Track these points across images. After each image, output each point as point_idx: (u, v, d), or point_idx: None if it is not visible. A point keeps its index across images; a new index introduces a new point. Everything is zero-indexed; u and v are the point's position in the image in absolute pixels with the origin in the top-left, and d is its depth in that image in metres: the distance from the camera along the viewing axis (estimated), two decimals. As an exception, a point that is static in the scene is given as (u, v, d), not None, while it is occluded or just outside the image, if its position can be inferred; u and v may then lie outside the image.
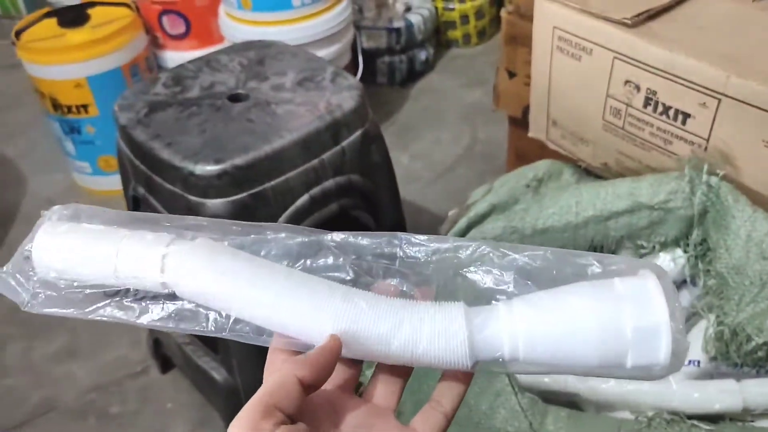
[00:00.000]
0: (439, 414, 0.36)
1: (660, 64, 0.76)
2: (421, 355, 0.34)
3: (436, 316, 0.34)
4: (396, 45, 2.00)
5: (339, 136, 0.90)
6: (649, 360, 0.32)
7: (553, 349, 0.33)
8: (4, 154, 1.90)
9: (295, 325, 0.34)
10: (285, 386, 0.31)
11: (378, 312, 0.34)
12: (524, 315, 0.33)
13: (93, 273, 0.36)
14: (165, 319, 0.36)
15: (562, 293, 0.34)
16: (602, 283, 0.34)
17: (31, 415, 1.21)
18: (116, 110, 0.93)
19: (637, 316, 0.32)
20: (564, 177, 0.94)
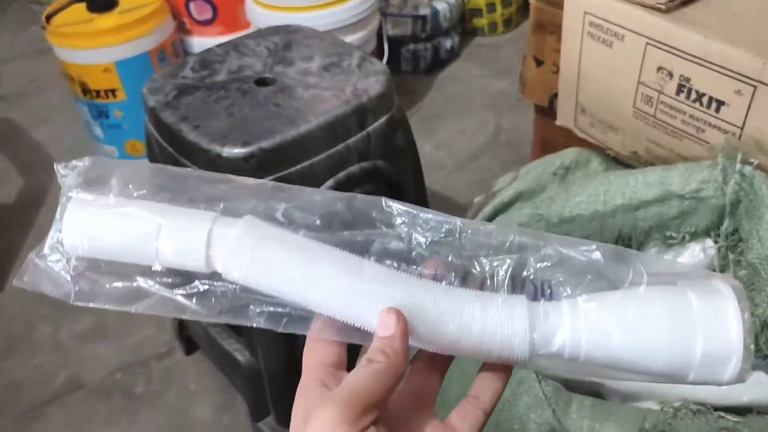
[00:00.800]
0: (478, 411, 0.35)
1: (694, 50, 0.74)
2: (480, 343, 0.33)
3: (498, 305, 0.33)
4: (421, 33, 1.99)
5: (365, 121, 0.90)
6: (712, 380, 0.32)
7: (616, 359, 0.32)
8: (34, 139, 1.94)
9: (352, 313, 0.33)
10: (384, 383, 0.30)
11: (439, 304, 0.33)
12: (589, 319, 0.32)
13: (134, 257, 0.34)
14: (214, 316, 0.34)
15: (632, 299, 0.33)
16: (676, 295, 0.33)
17: (59, 393, 1.23)
18: (145, 93, 0.94)
19: (710, 344, 0.31)
20: (591, 165, 0.92)
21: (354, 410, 0.29)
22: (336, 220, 0.35)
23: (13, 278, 0.35)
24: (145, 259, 0.34)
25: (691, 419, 0.65)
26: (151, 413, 1.18)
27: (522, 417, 0.68)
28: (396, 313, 0.32)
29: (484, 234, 0.35)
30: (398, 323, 0.31)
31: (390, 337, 0.31)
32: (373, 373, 0.30)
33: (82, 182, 0.35)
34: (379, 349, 0.31)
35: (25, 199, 1.71)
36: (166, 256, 0.33)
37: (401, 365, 0.31)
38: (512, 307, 0.33)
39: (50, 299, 0.35)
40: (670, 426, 0.64)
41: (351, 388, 0.30)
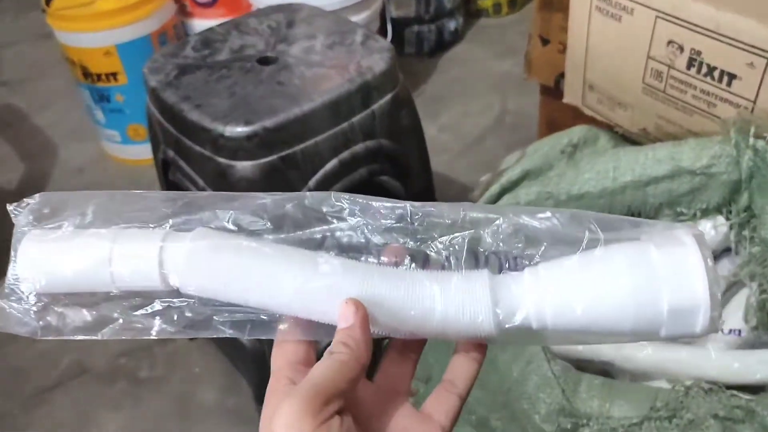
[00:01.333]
0: (453, 396, 0.34)
1: (705, 22, 0.73)
2: (444, 325, 0.32)
3: (459, 284, 0.32)
4: (425, 14, 1.97)
5: (369, 99, 0.88)
6: (683, 333, 0.31)
7: (584, 323, 0.31)
8: (35, 124, 1.92)
9: (313, 310, 0.33)
10: (346, 372, 0.30)
11: (399, 291, 0.32)
12: (552, 281, 0.32)
13: (91, 286, 0.34)
14: (180, 332, 0.34)
15: (593, 260, 0.32)
16: (637, 251, 0.32)
17: (63, 377, 1.23)
18: (146, 72, 0.93)
19: (676, 297, 0.30)
20: (600, 143, 0.91)
21: (316, 401, 0.28)
22: (287, 222, 0.35)
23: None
24: (102, 285, 0.34)
25: (703, 398, 0.64)
26: (156, 397, 1.18)
27: (531, 396, 0.67)
28: (354, 304, 0.32)
29: (436, 215, 0.35)
30: (357, 313, 0.31)
31: (350, 328, 0.31)
32: (334, 363, 0.30)
33: (33, 219, 0.36)
34: (340, 341, 0.31)
35: (26, 184, 1.70)
36: (122, 280, 0.33)
37: (363, 355, 0.31)
38: (472, 284, 0.32)
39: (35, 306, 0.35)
40: (681, 404, 0.63)
41: (313, 380, 0.30)
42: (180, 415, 1.15)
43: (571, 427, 0.64)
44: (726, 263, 0.76)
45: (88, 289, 0.34)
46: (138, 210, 0.35)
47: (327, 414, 0.29)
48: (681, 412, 0.63)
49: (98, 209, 0.35)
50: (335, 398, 0.29)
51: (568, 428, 0.65)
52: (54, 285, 0.34)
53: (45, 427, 1.16)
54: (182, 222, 0.35)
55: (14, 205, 0.36)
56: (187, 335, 0.34)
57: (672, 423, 0.62)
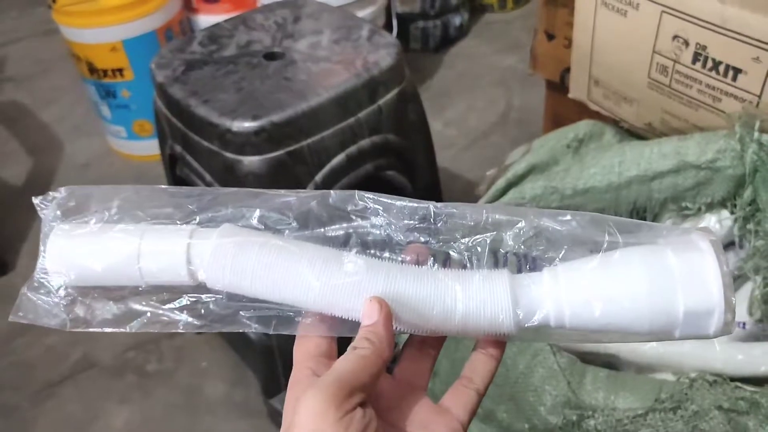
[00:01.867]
0: (471, 391, 0.35)
1: (711, 17, 0.73)
2: (464, 323, 0.33)
3: (480, 283, 0.33)
4: (430, 9, 1.97)
5: (376, 94, 0.89)
6: (697, 335, 0.32)
7: (602, 323, 0.32)
8: (41, 119, 1.93)
9: (336, 306, 0.33)
10: (369, 367, 0.31)
11: (421, 289, 0.33)
12: (571, 288, 0.33)
13: (120, 281, 0.35)
14: (207, 326, 0.35)
15: (612, 262, 0.33)
16: (654, 254, 0.33)
17: (72, 371, 1.24)
18: (153, 68, 0.93)
19: (691, 300, 0.31)
20: (605, 138, 0.91)
21: (340, 393, 0.29)
22: (312, 219, 0.36)
23: (24, 258, 0.36)
24: (131, 280, 0.35)
25: (707, 389, 0.65)
26: (164, 390, 1.19)
27: (537, 388, 0.67)
28: (378, 302, 0.33)
29: (458, 216, 0.36)
30: (381, 311, 0.32)
31: (374, 324, 0.32)
32: (358, 358, 0.31)
33: (60, 213, 0.36)
34: (364, 337, 0.32)
35: (33, 180, 1.71)
36: (150, 275, 0.34)
37: (386, 350, 0.32)
38: (493, 283, 0.33)
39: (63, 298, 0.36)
40: (686, 396, 0.63)
41: (337, 372, 0.30)
42: (188, 408, 1.16)
43: (577, 419, 0.65)
44: (731, 257, 0.76)
45: (116, 283, 0.35)
46: (163, 206, 0.36)
47: (350, 406, 0.29)
48: (685, 403, 0.63)
49: (123, 204, 0.36)
50: (358, 391, 0.30)
51: (574, 420, 0.65)
52: (83, 279, 0.35)
53: (53, 420, 1.17)
54: (208, 219, 0.36)
55: (40, 199, 0.36)
56: (214, 329, 0.35)
57: (677, 414, 0.63)
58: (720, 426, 0.62)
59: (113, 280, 0.35)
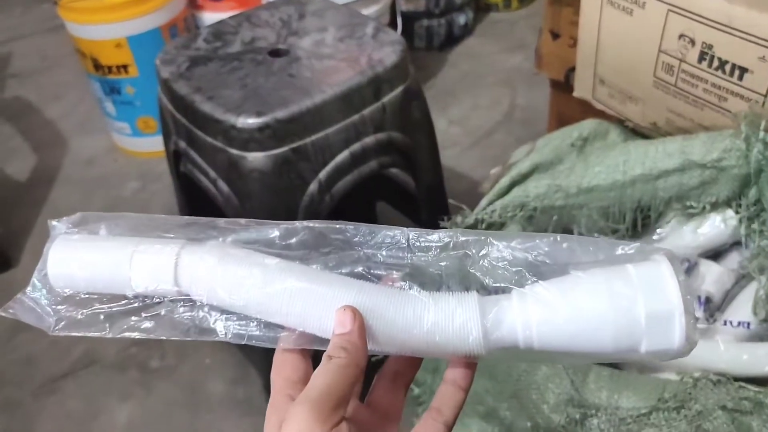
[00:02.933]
0: (439, 425, 0.35)
1: (718, 16, 0.73)
2: (434, 345, 0.33)
3: (450, 297, 0.34)
4: (435, 8, 1.97)
5: (380, 92, 0.89)
6: (664, 346, 0.33)
7: (568, 337, 0.33)
8: (46, 115, 1.94)
9: (310, 319, 0.34)
10: (347, 377, 0.31)
11: (392, 301, 0.34)
12: (537, 303, 0.33)
13: (110, 285, 0.37)
14: (184, 332, 0.36)
15: (576, 280, 0.34)
16: (615, 268, 0.34)
17: (75, 367, 1.24)
18: (158, 64, 0.93)
19: (651, 304, 0.32)
20: (610, 137, 0.91)
21: (325, 407, 0.29)
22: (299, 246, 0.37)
23: (27, 254, 0.37)
24: (120, 287, 0.36)
25: (711, 389, 0.64)
26: (166, 387, 1.19)
27: (540, 386, 0.67)
28: (351, 310, 0.33)
29: (433, 239, 0.37)
30: (354, 320, 0.32)
31: (348, 333, 0.32)
32: (336, 368, 0.31)
33: (70, 228, 0.39)
34: (339, 346, 0.32)
35: (37, 175, 1.71)
36: (138, 281, 0.36)
37: (362, 360, 0.32)
38: (462, 298, 0.34)
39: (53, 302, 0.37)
40: (689, 395, 0.63)
41: (318, 387, 0.30)
42: (190, 405, 1.16)
43: (580, 417, 0.65)
44: (735, 256, 0.76)
45: (107, 290, 0.37)
46: (168, 230, 0.38)
47: (336, 419, 0.30)
48: (689, 403, 0.63)
49: (130, 224, 0.38)
50: (342, 403, 0.30)
51: (577, 418, 0.65)
52: (78, 283, 0.37)
53: (55, 415, 1.17)
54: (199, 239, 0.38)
55: (55, 221, 0.39)
56: (188, 337, 0.36)
57: (680, 414, 0.63)
58: (724, 426, 0.61)
59: (104, 286, 0.37)
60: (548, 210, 0.83)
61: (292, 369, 0.34)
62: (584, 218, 0.82)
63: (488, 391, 0.72)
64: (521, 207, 0.84)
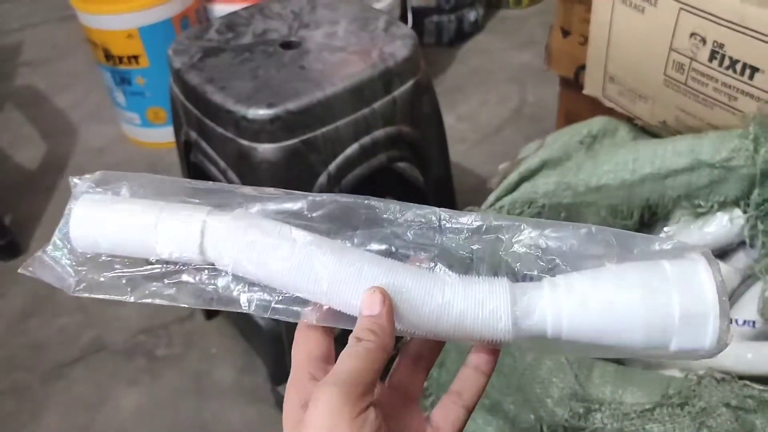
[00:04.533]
0: (459, 408, 0.35)
1: (729, 15, 0.73)
2: (461, 320, 0.33)
3: (481, 282, 0.33)
4: (445, 4, 1.97)
5: (391, 86, 0.89)
6: (694, 346, 0.32)
7: (598, 330, 0.32)
8: (57, 104, 1.95)
9: (336, 296, 0.33)
10: (375, 361, 0.31)
11: (422, 283, 0.33)
12: (569, 293, 0.33)
13: (133, 249, 0.35)
14: (207, 301, 0.35)
15: (609, 273, 0.33)
16: (650, 264, 0.33)
17: (83, 353, 1.26)
18: (170, 54, 0.94)
19: (686, 303, 0.31)
20: (619, 135, 0.91)
21: (354, 392, 0.29)
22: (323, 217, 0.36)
23: (37, 241, 0.36)
24: (144, 251, 0.35)
25: (715, 387, 0.65)
26: (173, 374, 1.20)
27: (544, 380, 0.68)
28: (381, 292, 0.32)
29: (464, 221, 0.36)
30: (383, 302, 0.32)
31: (377, 316, 0.31)
32: (365, 352, 0.30)
33: (91, 187, 0.37)
34: (367, 328, 0.31)
35: (47, 163, 1.72)
36: (163, 247, 0.35)
37: (389, 344, 0.32)
38: (493, 284, 0.33)
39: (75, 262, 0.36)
40: (693, 392, 0.64)
41: (347, 371, 0.30)
42: (196, 393, 1.17)
43: (583, 411, 0.65)
44: (742, 256, 0.76)
45: (130, 253, 0.36)
46: (190, 195, 0.37)
47: (364, 404, 0.29)
48: (693, 400, 0.63)
49: (153, 186, 0.37)
50: (370, 388, 0.30)
51: (581, 413, 0.66)
52: (101, 245, 0.35)
53: (63, 400, 1.18)
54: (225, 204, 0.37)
55: (77, 177, 0.37)
56: (211, 307, 0.35)
57: (684, 410, 0.63)
58: (727, 423, 0.62)
59: (128, 249, 0.35)
60: (556, 207, 0.83)
61: (315, 345, 0.34)
62: (592, 216, 0.82)
63: (493, 384, 0.73)
64: (529, 203, 0.84)
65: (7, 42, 2.28)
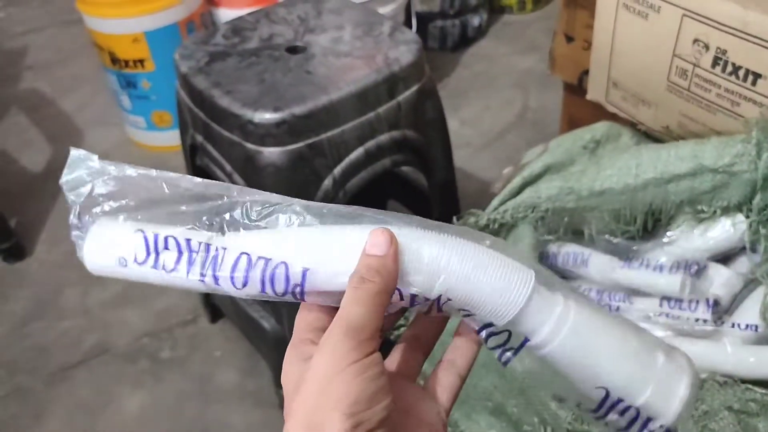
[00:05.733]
0: (453, 375, 0.35)
1: (732, 21, 0.73)
2: (485, 266, 0.32)
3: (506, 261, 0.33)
4: (449, 9, 1.98)
5: (395, 90, 0.90)
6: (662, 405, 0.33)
7: (583, 354, 0.33)
8: (62, 108, 1.96)
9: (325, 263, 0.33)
10: (380, 304, 0.30)
11: (435, 237, 0.33)
12: (578, 311, 0.33)
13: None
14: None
15: (618, 320, 0.35)
16: (649, 343, 0.35)
17: (86, 356, 1.26)
18: (177, 59, 0.95)
19: (654, 400, 0.33)
20: (622, 140, 0.92)
21: (359, 337, 0.29)
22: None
23: (42, 244, 0.36)
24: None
25: (718, 390, 0.65)
26: (177, 377, 1.21)
27: (548, 384, 0.68)
28: (389, 233, 0.31)
29: None
30: (391, 243, 0.31)
31: (384, 257, 0.30)
32: (370, 296, 0.30)
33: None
34: (373, 269, 0.30)
35: (53, 167, 1.73)
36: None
37: (393, 287, 0.31)
38: (518, 264, 0.33)
39: (78, 264, 0.37)
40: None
41: (354, 314, 0.29)
42: (200, 396, 1.17)
43: (587, 414, 0.66)
44: (744, 260, 0.77)
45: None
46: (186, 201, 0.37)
47: (371, 348, 0.29)
48: (696, 403, 0.64)
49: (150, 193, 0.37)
50: (376, 333, 0.30)
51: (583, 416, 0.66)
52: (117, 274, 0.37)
53: (67, 403, 1.19)
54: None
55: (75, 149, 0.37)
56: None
57: (687, 414, 0.63)
58: (730, 426, 0.62)
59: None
60: (559, 211, 0.84)
61: (316, 317, 0.34)
62: (595, 220, 0.83)
63: (496, 387, 0.73)
64: (533, 208, 0.84)
65: (13, 45, 2.30)
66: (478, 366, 0.76)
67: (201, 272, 0.34)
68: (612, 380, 0.33)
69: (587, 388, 0.33)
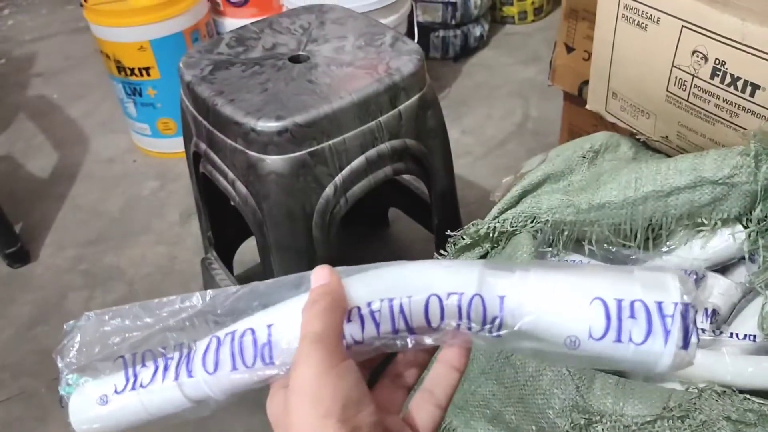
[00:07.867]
0: (432, 407, 0.34)
1: (731, 33, 0.74)
2: (433, 278, 0.33)
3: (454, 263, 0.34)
4: (451, 19, 1.99)
5: (397, 100, 0.91)
6: (647, 356, 0.31)
7: (552, 313, 0.32)
8: (68, 115, 1.97)
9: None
10: (337, 315, 0.31)
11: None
12: (538, 283, 0.33)
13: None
14: None
15: (578, 268, 0.34)
16: (620, 268, 0.34)
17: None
18: (181, 67, 0.96)
19: (648, 289, 0.31)
20: (621, 149, 0.92)
21: (331, 344, 0.30)
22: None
23: (47, 248, 0.37)
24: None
25: (716, 400, 0.65)
26: (178, 383, 1.21)
27: (546, 391, 0.68)
28: (327, 268, 0.33)
29: None
30: (331, 274, 0.33)
31: (327, 284, 0.33)
32: (325, 312, 0.31)
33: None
34: (321, 292, 0.32)
35: (59, 172, 1.74)
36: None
37: (343, 306, 0.32)
38: (467, 263, 0.34)
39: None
40: (694, 405, 0.64)
41: (319, 328, 0.31)
42: (200, 402, 1.17)
43: (585, 422, 0.66)
44: (743, 270, 0.77)
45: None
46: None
47: (342, 356, 0.30)
48: (694, 413, 0.64)
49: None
50: (341, 342, 0.31)
51: (582, 424, 0.66)
52: None
53: (70, 407, 1.19)
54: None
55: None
56: None
57: (684, 423, 0.64)
58: (727, 436, 0.62)
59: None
60: (559, 224, 0.84)
61: None
62: (595, 234, 0.83)
63: (494, 394, 0.73)
64: (533, 218, 0.85)
65: (21, 53, 2.32)
66: (477, 373, 0.76)
67: (176, 372, 0.36)
68: (600, 287, 0.32)
69: (585, 312, 0.32)
